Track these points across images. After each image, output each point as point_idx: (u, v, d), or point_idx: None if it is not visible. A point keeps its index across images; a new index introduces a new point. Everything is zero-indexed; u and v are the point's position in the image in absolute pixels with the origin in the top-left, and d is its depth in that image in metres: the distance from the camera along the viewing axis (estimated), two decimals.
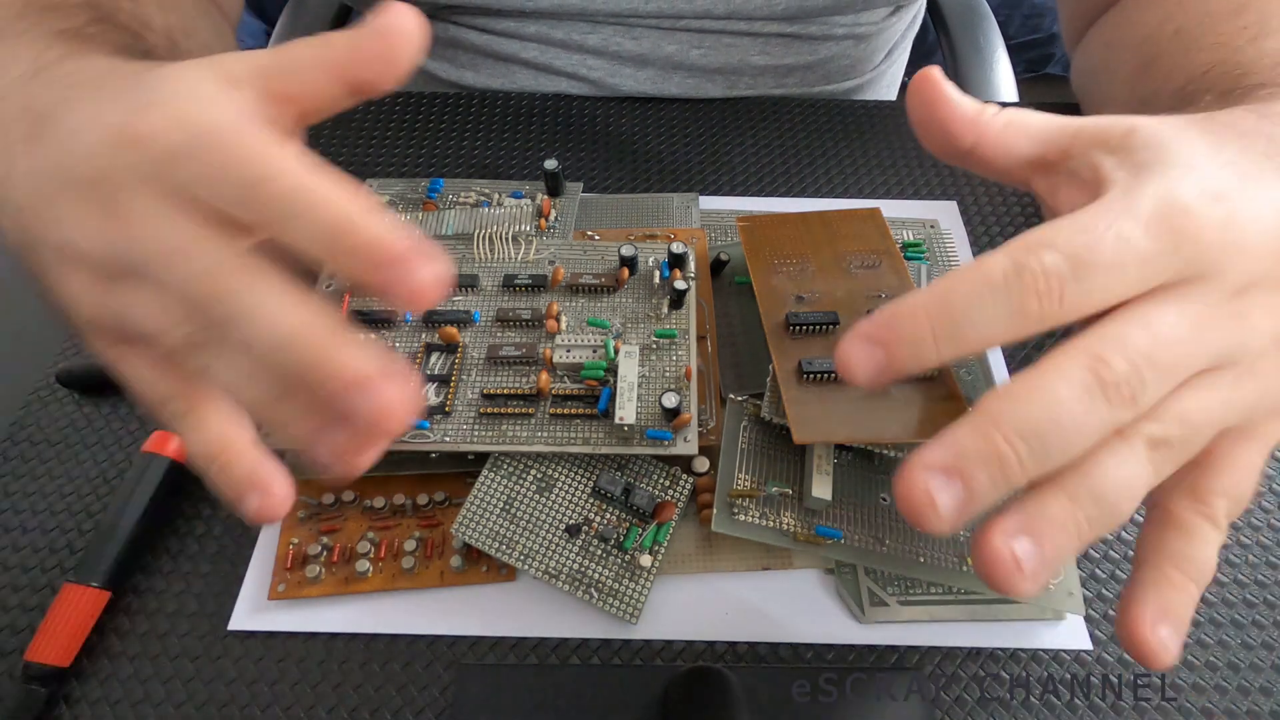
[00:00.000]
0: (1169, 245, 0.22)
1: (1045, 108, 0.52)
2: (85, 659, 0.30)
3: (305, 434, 0.23)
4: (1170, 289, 0.23)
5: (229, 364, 0.24)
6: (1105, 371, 0.21)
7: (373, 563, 0.31)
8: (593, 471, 0.33)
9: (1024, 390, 0.21)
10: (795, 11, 0.51)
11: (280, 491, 0.25)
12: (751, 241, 0.37)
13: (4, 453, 0.35)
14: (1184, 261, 0.23)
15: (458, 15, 0.53)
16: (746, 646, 0.31)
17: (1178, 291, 0.23)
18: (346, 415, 0.22)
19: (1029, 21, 1.54)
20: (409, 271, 0.22)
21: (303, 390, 0.23)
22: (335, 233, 0.22)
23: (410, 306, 0.22)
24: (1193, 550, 0.24)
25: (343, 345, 0.22)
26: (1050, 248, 0.22)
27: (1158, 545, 0.25)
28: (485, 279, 0.36)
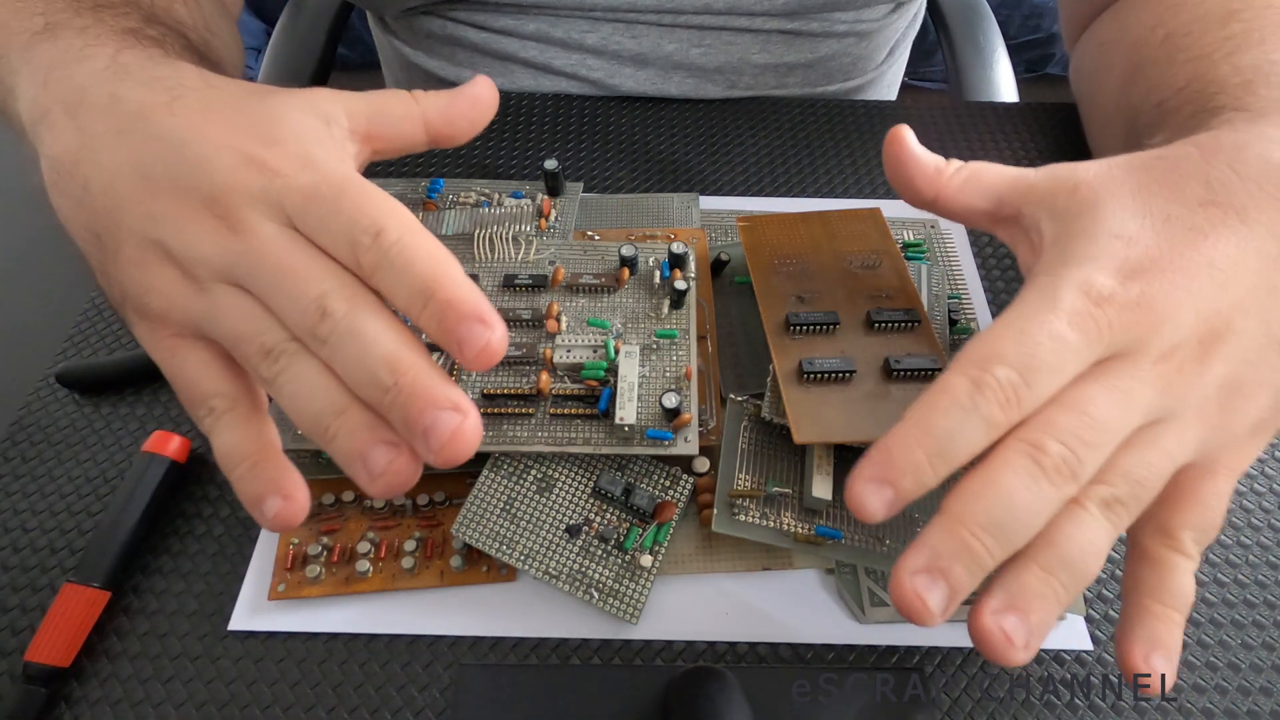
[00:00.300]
0: (1093, 335, 0.25)
1: (1045, 108, 0.52)
2: (85, 659, 0.30)
3: (357, 448, 0.26)
4: (1102, 367, 0.26)
5: (302, 374, 0.26)
6: (1042, 458, 0.24)
7: (373, 563, 0.31)
8: (593, 472, 0.32)
9: (978, 486, 0.24)
10: (795, 7, 0.50)
11: (302, 498, 0.27)
12: (752, 241, 0.37)
13: (4, 453, 0.35)
14: (1108, 344, 0.26)
15: (455, 11, 0.52)
16: (746, 646, 0.31)
17: (1107, 369, 0.26)
18: (420, 436, 0.25)
19: (1029, 21, 1.54)
20: (483, 332, 0.25)
21: (367, 410, 0.26)
22: (427, 287, 0.25)
23: (476, 365, 0.25)
24: (1168, 582, 0.27)
25: (436, 373, 0.25)
26: (1000, 362, 0.25)
27: (1136, 580, 0.27)
28: (485, 279, 0.36)
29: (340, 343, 0.25)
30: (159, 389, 0.37)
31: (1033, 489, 0.24)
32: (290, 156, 0.27)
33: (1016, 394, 0.25)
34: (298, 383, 0.26)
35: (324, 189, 0.27)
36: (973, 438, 0.25)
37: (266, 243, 0.26)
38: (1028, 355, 0.25)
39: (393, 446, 0.26)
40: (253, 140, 0.28)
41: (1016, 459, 0.24)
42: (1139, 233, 0.27)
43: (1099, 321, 0.25)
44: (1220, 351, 0.26)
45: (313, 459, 0.30)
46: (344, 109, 0.31)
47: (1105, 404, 0.25)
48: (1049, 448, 0.24)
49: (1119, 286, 0.26)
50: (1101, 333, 0.25)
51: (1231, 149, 0.29)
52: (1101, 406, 0.25)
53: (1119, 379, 0.25)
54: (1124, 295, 0.26)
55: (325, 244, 0.27)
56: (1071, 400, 0.25)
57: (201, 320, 0.28)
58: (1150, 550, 0.27)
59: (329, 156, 0.28)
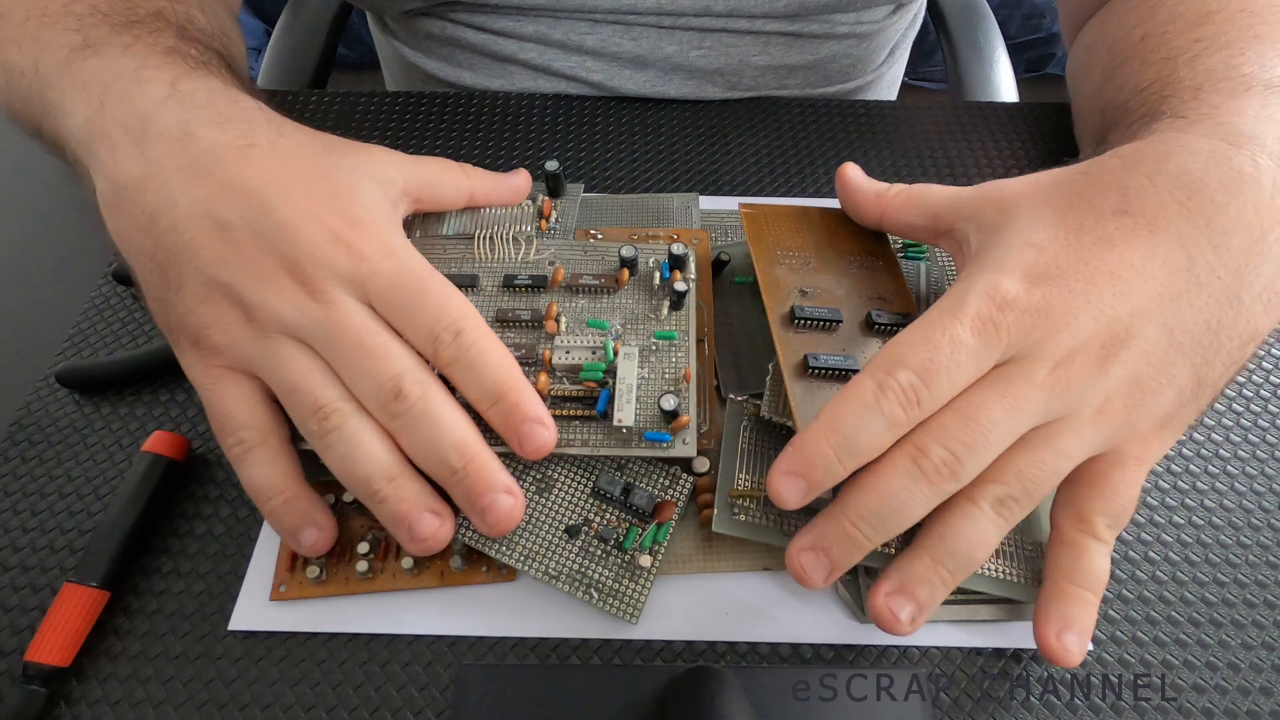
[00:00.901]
0: (992, 339, 0.27)
1: (1045, 108, 0.52)
2: (85, 659, 0.30)
3: (406, 513, 0.29)
4: (999, 372, 0.27)
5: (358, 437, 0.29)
6: (924, 461, 0.27)
7: (373, 563, 0.31)
8: (592, 472, 0.32)
9: (865, 482, 0.27)
10: (796, 9, 0.50)
11: (333, 527, 0.31)
12: (755, 230, 0.37)
13: (4, 453, 0.35)
14: (1007, 347, 0.27)
15: (455, 12, 0.52)
16: (747, 646, 0.31)
17: (1002, 374, 0.27)
18: (478, 512, 0.29)
19: (1029, 21, 1.54)
20: (542, 432, 0.30)
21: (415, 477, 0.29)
22: (498, 389, 0.30)
23: (531, 457, 0.30)
24: (1083, 564, 0.29)
25: (495, 460, 0.30)
26: (902, 365, 0.27)
27: (1054, 562, 0.29)
28: (485, 279, 0.36)
29: (414, 423, 0.29)
30: (159, 389, 0.37)
31: (910, 488, 0.27)
32: (373, 242, 0.30)
33: (917, 395, 0.27)
34: (351, 444, 0.29)
35: (407, 280, 0.30)
36: (877, 435, 0.27)
37: (349, 317, 0.29)
38: (928, 359, 0.27)
39: (437, 516, 0.29)
40: (338, 218, 0.30)
41: (900, 460, 0.27)
42: (1049, 242, 0.29)
43: (999, 326, 0.27)
44: (1119, 355, 0.28)
45: (313, 459, 0.30)
46: (401, 174, 0.34)
47: (994, 410, 0.27)
48: (931, 451, 0.26)
49: (1022, 291, 0.27)
50: (1001, 337, 0.27)
51: (1153, 160, 0.30)
52: (990, 411, 0.27)
53: (1011, 384, 0.27)
54: (1026, 300, 0.27)
55: (403, 329, 0.30)
56: (963, 406, 0.27)
57: (257, 362, 0.30)
58: (1067, 534, 0.29)
59: (405, 245, 0.31)
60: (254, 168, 0.31)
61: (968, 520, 0.28)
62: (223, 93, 0.33)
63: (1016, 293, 0.27)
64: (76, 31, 0.35)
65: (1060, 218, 0.29)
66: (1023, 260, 0.28)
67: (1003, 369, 0.27)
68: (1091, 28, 0.46)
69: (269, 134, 0.32)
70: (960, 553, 0.28)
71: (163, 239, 0.30)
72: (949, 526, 0.28)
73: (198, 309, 0.30)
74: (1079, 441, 0.28)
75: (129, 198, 0.31)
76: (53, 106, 0.34)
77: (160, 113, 0.32)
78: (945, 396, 0.27)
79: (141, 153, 0.31)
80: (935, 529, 0.28)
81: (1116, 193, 0.29)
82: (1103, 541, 0.29)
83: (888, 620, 0.28)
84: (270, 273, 0.29)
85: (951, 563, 0.28)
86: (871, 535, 0.27)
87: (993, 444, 0.27)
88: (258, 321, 0.29)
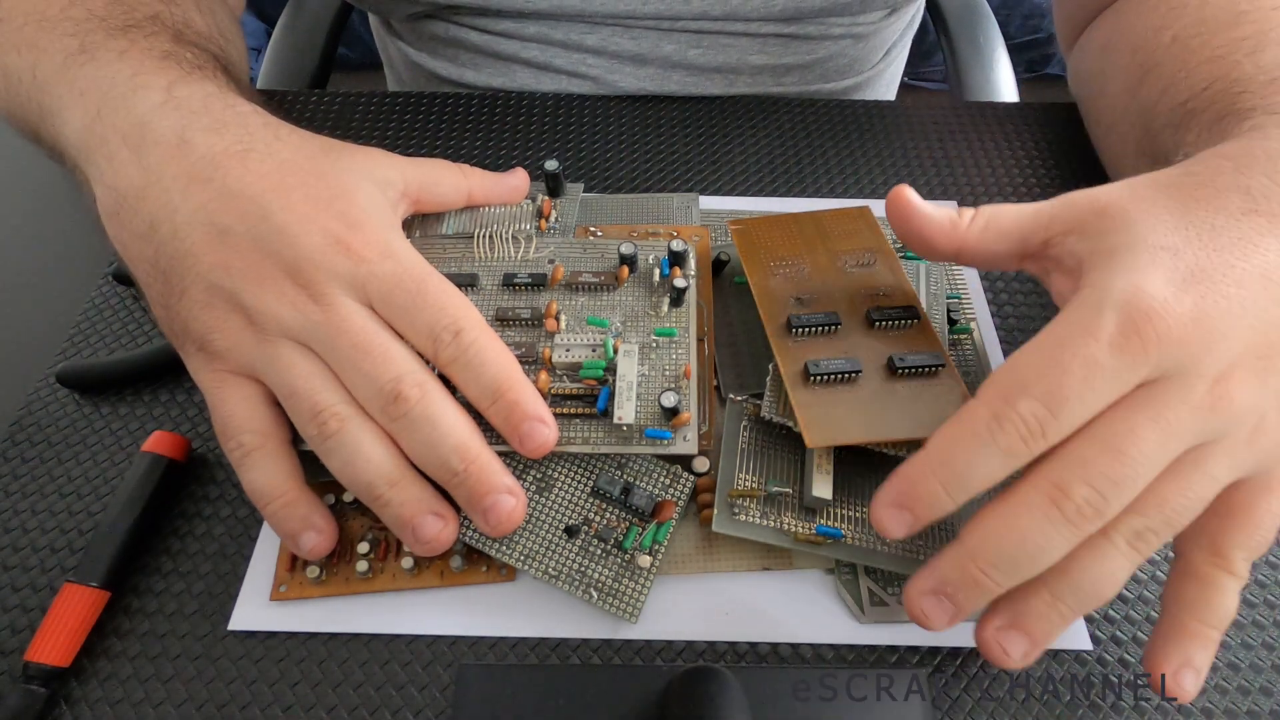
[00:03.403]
0: (1137, 356, 0.24)
1: (1045, 108, 0.52)
2: (85, 659, 0.30)
3: (409, 516, 0.29)
4: (1147, 392, 0.24)
5: (359, 441, 0.29)
6: (1065, 503, 0.24)
7: (373, 563, 0.31)
8: (592, 471, 0.32)
9: (994, 524, 0.25)
10: (792, 13, 0.51)
11: (333, 530, 0.31)
12: (746, 245, 0.37)
13: (4, 453, 0.35)
14: (1156, 365, 0.24)
15: (458, 15, 0.53)
16: (747, 646, 0.31)
17: (1153, 395, 0.24)
18: (480, 513, 0.29)
19: (1029, 21, 1.54)
20: (542, 429, 0.30)
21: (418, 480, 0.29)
22: (498, 387, 0.30)
23: (532, 455, 0.30)
24: (1214, 601, 0.26)
25: (496, 461, 0.30)
26: (1024, 393, 0.24)
27: (1179, 596, 0.26)
28: (485, 278, 0.36)
29: (414, 426, 0.29)
30: (159, 389, 0.37)
31: (1049, 532, 0.24)
32: (372, 244, 0.30)
33: (1041, 427, 0.24)
34: (352, 449, 0.29)
35: (406, 281, 0.30)
36: (992, 470, 0.24)
37: (349, 319, 0.29)
38: (1055, 385, 0.24)
39: (440, 518, 0.29)
40: (337, 221, 0.30)
41: (1037, 499, 0.24)
42: (1184, 244, 0.26)
43: (1146, 340, 0.24)
44: (1277, 365, 0.25)
45: (314, 459, 0.30)
46: (400, 175, 0.34)
47: (1146, 438, 0.24)
48: (1074, 492, 0.23)
49: (1170, 299, 0.24)
50: (1149, 352, 0.24)
51: (1265, 158, 0.28)
52: (1142, 441, 0.23)
53: (1165, 407, 0.24)
54: (1176, 308, 0.24)
55: (404, 330, 0.30)
56: (1107, 435, 0.24)
57: (259, 366, 0.30)
58: (1199, 568, 0.26)
59: (405, 246, 0.31)
60: (252, 172, 0.31)
61: (1098, 556, 0.25)
62: (218, 97, 0.33)
63: (1163, 300, 0.24)
64: (73, 36, 0.35)
65: (1186, 219, 0.26)
66: (1159, 264, 0.25)
67: (1150, 389, 0.24)
68: (1102, 30, 0.45)
69: (265, 138, 0.32)
70: (1085, 590, 0.25)
71: (164, 246, 0.30)
72: (1076, 563, 0.25)
73: (200, 315, 0.30)
74: (1230, 465, 0.25)
75: (129, 206, 0.31)
76: (51, 113, 0.34)
77: (157, 119, 0.32)
78: (1075, 425, 0.24)
79: (140, 160, 0.31)
80: (1058, 564, 0.25)
81: (1239, 194, 0.27)
82: (1238, 577, 0.26)
83: (997, 656, 0.26)
84: (270, 277, 0.29)
85: (1074, 599, 0.25)
86: (1003, 581, 0.25)
87: (1142, 478, 0.24)
88: (259, 326, 0.29)
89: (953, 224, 0.30)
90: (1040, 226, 0.29)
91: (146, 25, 0.36)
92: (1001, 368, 0.25)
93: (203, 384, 0.31)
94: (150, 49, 0.35)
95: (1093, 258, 0.27)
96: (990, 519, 0.25)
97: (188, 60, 0.35)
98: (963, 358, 0.37)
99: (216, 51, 0.39)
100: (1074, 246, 0.28)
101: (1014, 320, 0.40)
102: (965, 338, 0.37)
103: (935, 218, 0.30)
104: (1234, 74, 0.34)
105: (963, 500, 0.25)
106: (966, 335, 0.37)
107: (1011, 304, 0.40)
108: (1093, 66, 0.46)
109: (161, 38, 0.36)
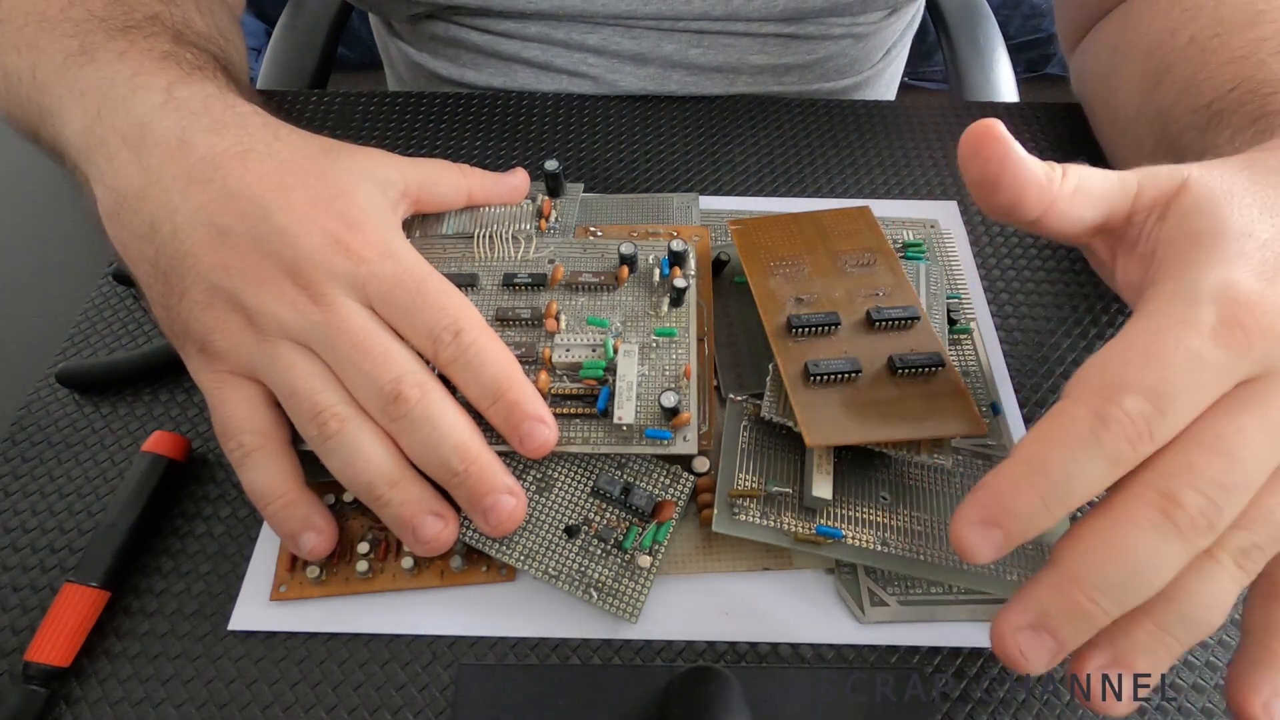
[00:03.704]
0: (1240, 349, 0.22)
1: (1045, 108, 0.52)
2: (85, 659, 0.30)
3: (409, 516, 0.29)
4: (1250, 389, 0.22)
5: (359, 442, 0.29)
6: (1177, 513, 0.21)
7: (372, 563, 0.31)
8: (592, 471, 0.32)
9: (1098, 543, 0.22)
10: (793, 13, 0.51)
11: (333, 531, 0.31)
12: (746, 245, 0.37)
13: (4, 453, 0.35)
14: (1257, 360, 0.22)
15: (459, 16, 0.53)
16: (747, 646, 0.31)
17: (1256, 392, 0.22)
18: (480, 513, 0.29)
19: (1029, 21, 1.54)
20: (542, 429, 0.30)
21: (418, 480, 0.29)
22: (498, 387, 0.30)
23: (533, 455, 0.30)
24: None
25: (496, 461, 0.30)
26: (1128, 390, 0.22)
27: (1265, 619, 0.24)
28: (485, 278, 0.36)
29: (414, 426, 0.29)
30: (159, 389, 0.37)
31: (1160, 548, 0.22)
32: (372, 244, 0.30)
33: (1149, 426, 0.22)
34: (352, 449, 0.29)
35: (406, 281, 0.30)
36: (1095, 477, 0.22)
37: (348, 319, 0.29)
38: (1161, 380, 0.22)
39: (440, 518, 0.29)
40: (337, 221, 0.30)
41: (1145, 513, 0.22)
42: (1274, 234, 0.24)
43: (1250, 332, 0.22)
44: None
45: (313, 459, 0.30)
46: (400, 175, 0.34)
47: (1255, 439, 0.22)
48: (1186, 500, 0.21)
49: (1267, 290, 0.23)
50: (1253, 345, 0.22)
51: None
52: (1250, 443, 0.22)
53: (1273, 406, 0.22)
54: (1274, 300, 0.23)
55: (404, 330, 0.30)
56: (1214, 437, 0.22)
57: (259, 367, 0.30)
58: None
59: (405, 246, 0.31)
60: (252, 173, 0.31)
61: (1204, 579, 0.22)
62: (218, 98, 0.33)
63: (1261, 292, 0.23)
64: (73, 37, 0.35)
65: (1270, 205, 0.25)
66: (1250, 254, 0.24)
67: (1253, 386, 0.23)
68: (1110, 31, 0.45)
69: (265, 138, 0.32)
70: (1193, 617, 0.23)
71: (164, 247, 0.30)
72: (1180, 588, 0.22)
73: (201, 315, 0.30)
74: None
75: (129, 207, 0.31)
76: (51, 113, 0.34)
77: (157, 120, 0.32)
78: (1181, 425, 0.22)
79: (140, 161, 0.31)
80: (1162, 591, 0.22)
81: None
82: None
83: (1097, 698, 0.23)
84: (270, 277, 0.29)
85: (1182, 630, 0.23)
86: (1111, 609, 0.22)
87: (1254, 483, 0.22)
88: (259, 326, 0.29)
89: (1049, 179, 0.26)
90: (1127, 198, 0.27)
91: (146, 26, 0.36)
92: (1090, 364, 0.23)
93: (203, 384, 0.31)
94: (150, 49, 0.35)
95: (1173, 244, 0.25)
96: (1089, 537, 0.22)
97: (187, 61, 0.35)
98: (963, 358, 0.37)
99: (216, 52, 0.39)
100: (1153, 230, 0.26)
101: (1014, 320, 0.40)
102: (965, 338, 0.37)
103: (1031, 167, 0.26)
104: (1260, 74, 0.34)
105: (1061, 515, 0.22)
106: (966, 335, 0.37)
107: (1012, 304, 0.40)
108: (1102, 68, 0.46)
109: (161, 38, 0.36)
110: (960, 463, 0.33)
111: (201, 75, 0.34)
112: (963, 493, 0.32)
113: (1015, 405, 0.37)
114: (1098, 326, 0.40)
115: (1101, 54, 0.46)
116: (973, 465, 0.33)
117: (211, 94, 0.33)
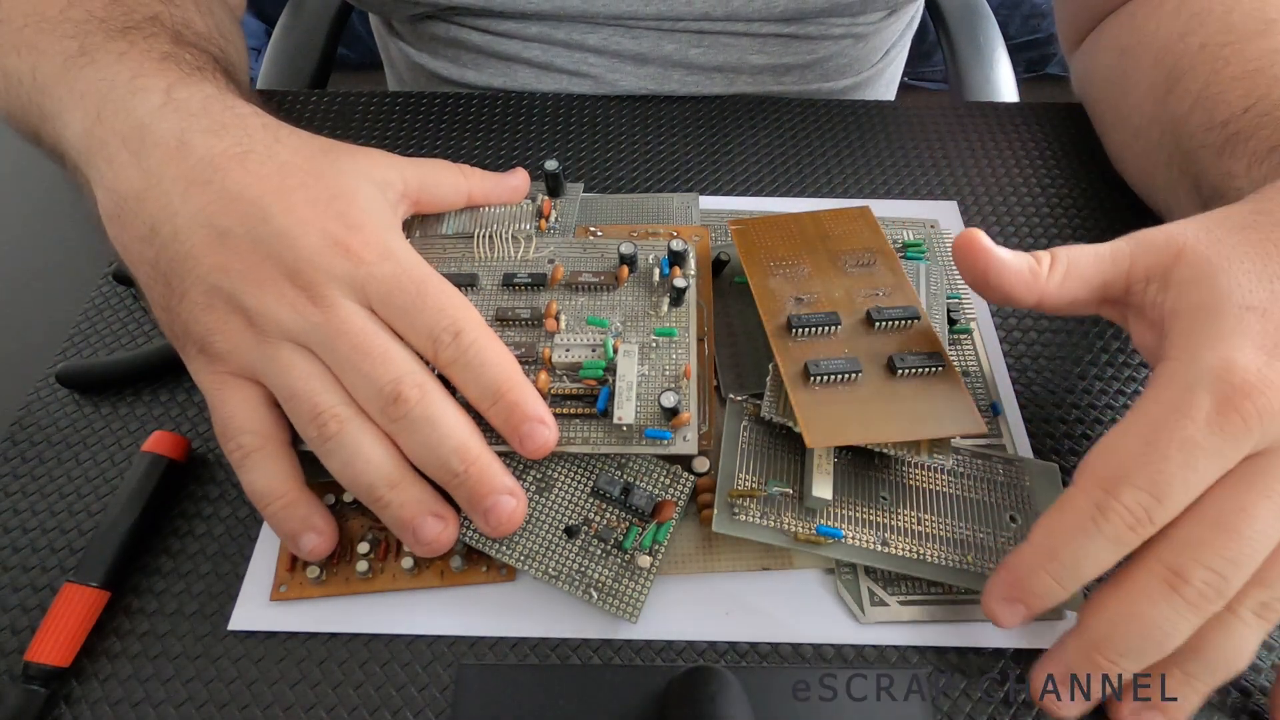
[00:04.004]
0: (1238, 432, 0.23)
1: (1045, 108, 0.52)
2: (85, 659, 0.30)
3: (409, 517, 0.29)
4: (1254, 465, 0.24)
5: (359, 443, 0.29)
6: (1185, 588, 0.23)
7: (373, 563, 0.31)
8: (592, 471, 0.32)
9: (1114, 611, 0.25)
10: (793, 14, 0.51)
11: (333, 531, 0.31)
12: (746, 245, 0.37)
13: (4, 453, 0.35)
14: (1259, 438, 0.24)
15: (460, 16, 0.53)
16: (747, 646, 0.31)
17: (1261, 469, 0.24)
18: (481, 514, 0.29)
19: (1029, 21, 1.54)
20: (543, 430, 0.30)
21: (418, 481, 0.29)
22: (498, 388, 0.30)
23: (533, 456, 0.30)
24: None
25: (496, 462, 0.30)
26: (1125, 481, 0.24)
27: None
28: (485, 278, 0.36)
29: (413, 427, 0.29)
30: (159, 389, 0.37)
31: (1172, 618, 0.24)
32: (372, 245, 0.30)
33: (1148, 514, 0.24)
34: (352, 450, 0.29)
35: (405, 282, 0.30)
36: (1101, 559, 0.24)
37: (348, 321, 0.29)
38: (1156, 472, 0.23)
39: (440, 519, 0.29)
40: (336, 222, 0.30)
41: (1155, 586, 0.24)
42: (1271, 301, 0.25)
43: (1246, 416, 0.23)
44: None
45: (313, 459, 0.30)
46: (400, 175, 0.34)
47: (1259, 514, 0.23)
48: (1192, 576, 0.23)
49: (1265, 368, 0.24)
50: (1250, 427, 0.23)
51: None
52: (1255, 519, 0.23)
53: (1276, 480, 0.23)
54: (1272, 378, 0.24)
55: (403, 331, 0.30)
56: (1218, 515, 0.23)
57: (259, 368, 0.30)
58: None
59: (404, 247, 0.31)
60: (251, 174, 0.31)
61: (1226, 633, 0.25)
62: (218, 99, 0.33)
63: (1257, 370, 0.24)
64: (73, 38, 0.35)
65: (1267, 270, 0.26)
66: (1248, 329, 0.24)
67: (1257, 462, 0.24)
68: (1115, 33, 0.45)
69: (265, 140, 0.32)
70: (1218, 665, 0.25)
71: (164, 249, 0.30)
72: (1205, 641, 0.25)
73: (201, 317, 0.30)
74: None
75: (129, 209, 0.31)
76: (51, 115, 0.34)
77: (157, 121, 0.32)
78: (1182, 507, 0.24)
79: (140, 163, 0.31)
80: (1188, 643, 0.25)
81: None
82: None
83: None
84: (270, 279, 0.29)
85: (1208, 676, 0.25)
86: (1132, 668, 0.25)
87: (1260, 553, 0.24)
88: (259, 327, 0.29)
89: (1033, 274, 0.29)
90: (1120, 272, 0.28)
91: (146, 27, 0.36)
92: (1095, 451, 0.25)
93: (203, 385, 0.31)
94: (150, 51, 0.35)
95: (1176, 317, 0.26)
96: (1110, 604, 0.25)
97: (187, 62, 0.35)
98: (963, 358, 0.37)
99: (216, 53, 0.39)
100: (1155, 297, 0.27)
101: (1014, 320, 0.40)
102: (965, 338, 0.37)
103: (1014, 267, 0.29)
104: (1275, 94, 0.34)
105: (1075, 588, 0.25)
106: (966, 335, 0.37)
107: None
108: (1109, 71, 0.45)
109: (161, 39, 0.36)
110: (960, 463, 0.33)
111: (201, 76, 0.34)
112: (963, 493, 0.32)
113: (1015, 405, 0.37)
114: (1098, 326, 0.40)
115: (1107, 56, 0.46)
116: (973, 465, 0.33)
117: (211, 95, 0.33)
